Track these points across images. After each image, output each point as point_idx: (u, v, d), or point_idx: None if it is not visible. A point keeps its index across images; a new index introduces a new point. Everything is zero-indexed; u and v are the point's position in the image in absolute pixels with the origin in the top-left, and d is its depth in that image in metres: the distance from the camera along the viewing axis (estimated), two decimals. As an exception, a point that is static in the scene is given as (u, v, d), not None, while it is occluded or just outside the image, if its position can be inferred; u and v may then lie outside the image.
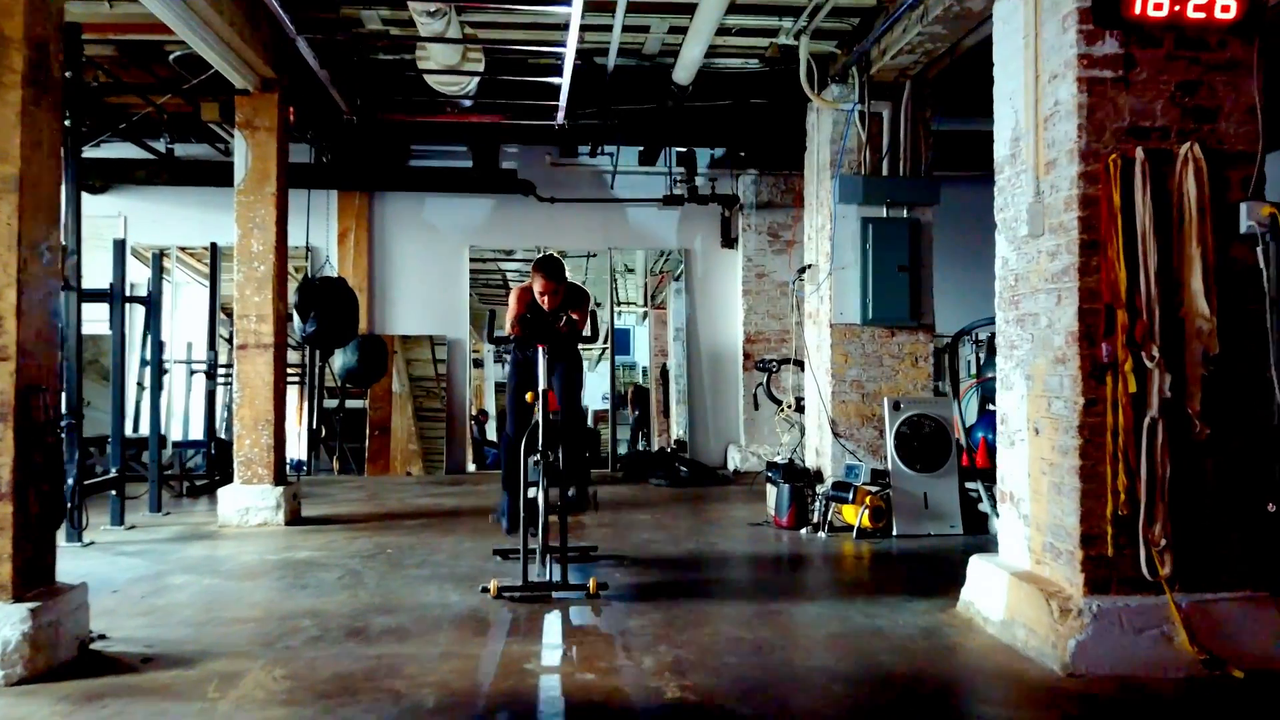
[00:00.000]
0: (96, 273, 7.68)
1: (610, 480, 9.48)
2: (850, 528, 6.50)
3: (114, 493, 6.60)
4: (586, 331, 5.44)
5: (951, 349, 7.34)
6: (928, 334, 7.03)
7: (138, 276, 9.90)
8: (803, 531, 6.59)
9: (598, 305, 11.98)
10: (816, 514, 6.69)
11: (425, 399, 10.64)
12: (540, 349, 5.01)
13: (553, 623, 4.38)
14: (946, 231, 7.49)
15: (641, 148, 9.66)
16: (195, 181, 9.53)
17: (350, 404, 10.82)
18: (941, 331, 7.56)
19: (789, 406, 7.32)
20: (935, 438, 6.66)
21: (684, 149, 9.70)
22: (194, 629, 4.23)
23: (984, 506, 6.58)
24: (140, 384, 9.18)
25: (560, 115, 7.58)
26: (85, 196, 10.24)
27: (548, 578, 4.82)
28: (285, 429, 7.15)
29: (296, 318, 8.38)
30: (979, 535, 6.43)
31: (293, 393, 10.69)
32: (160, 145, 9.35)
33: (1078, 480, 3.69)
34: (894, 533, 6.46)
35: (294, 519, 6.93)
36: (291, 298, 8.57)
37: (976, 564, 4.42)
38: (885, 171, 6.98)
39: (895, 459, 6.60)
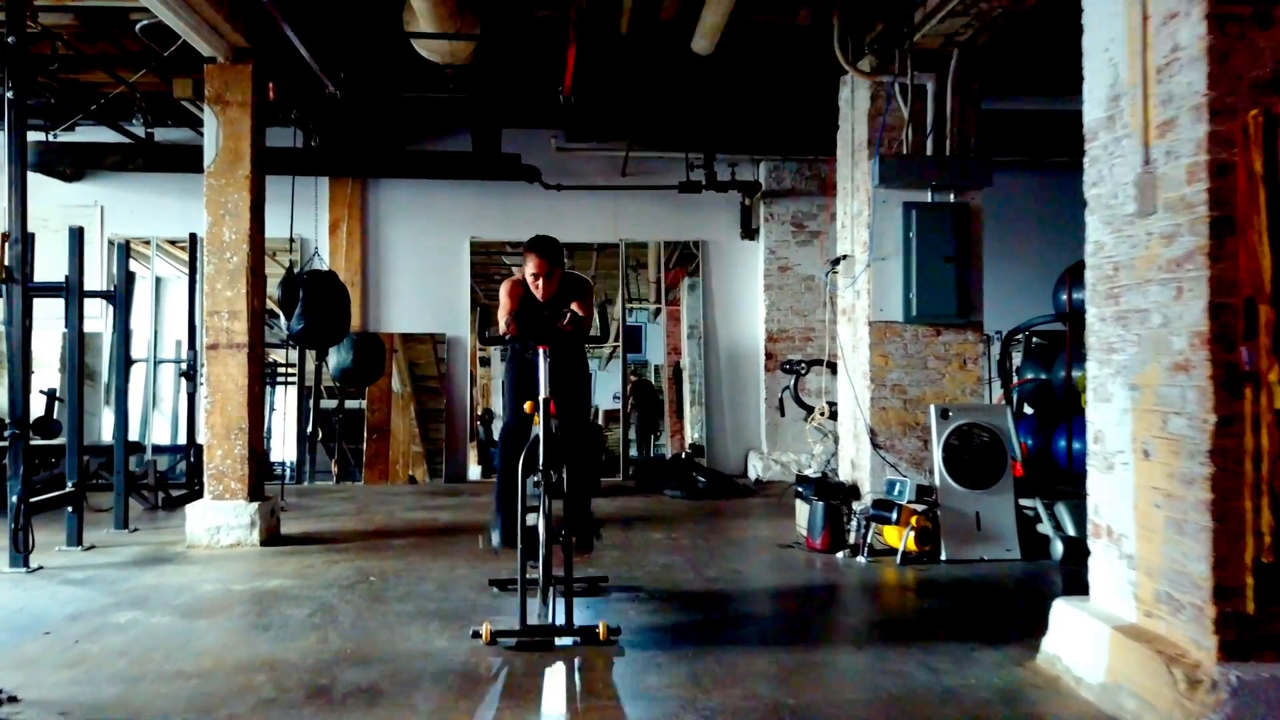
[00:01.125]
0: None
1: (621, 490, 8.75)
2: (893, 551, 5.78)
3: (71, 509, 5.92)
4: (594, 329, 4.71)
5: (1003, 350, 6.59)
6: (976, 333, 6.29)
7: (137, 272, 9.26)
8: (839, 555, 5.87)
9: (608, 302, 11.29)
10: (854, 535, 5.96)
11: (431, 399, 10.01)
12: (541, 351, 4.29)
13: (555, 681, 3.65)
14: (988, 224, 6.73)
15: (654, 130, 8.93)
16: (175, 168, 8.82)
17: (351, 404, 10.25)
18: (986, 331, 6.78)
19: (821, 414, 6.60)
20: (988, 450, 5.92)
21: (701, 132, 8.95)
22: (125, 686, 3.52)
23: (1044, 528, 5.84)
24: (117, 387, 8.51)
25: (566, 88, 6.84)
26: (58, 185, 9.61)
27: (550, 619, 4.11)
28: (262, 437, 6.46)
29: (282, 315, 7.71)
30: (1039, 561, 5.70)
31: (289, 394, 10.08)
32: (140, 130, 8.67)
33: (1207, 517, 2.95)
34: (942, 557, 5.73)
35: (271, 537, 6.24)
36: (274, 292, 7.90)
37: (1063, 611, 3.68)
38: (930, 151, 6.24)
39: (944, 473, 5.87)
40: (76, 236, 6.50)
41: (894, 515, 5.72)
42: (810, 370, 7.44)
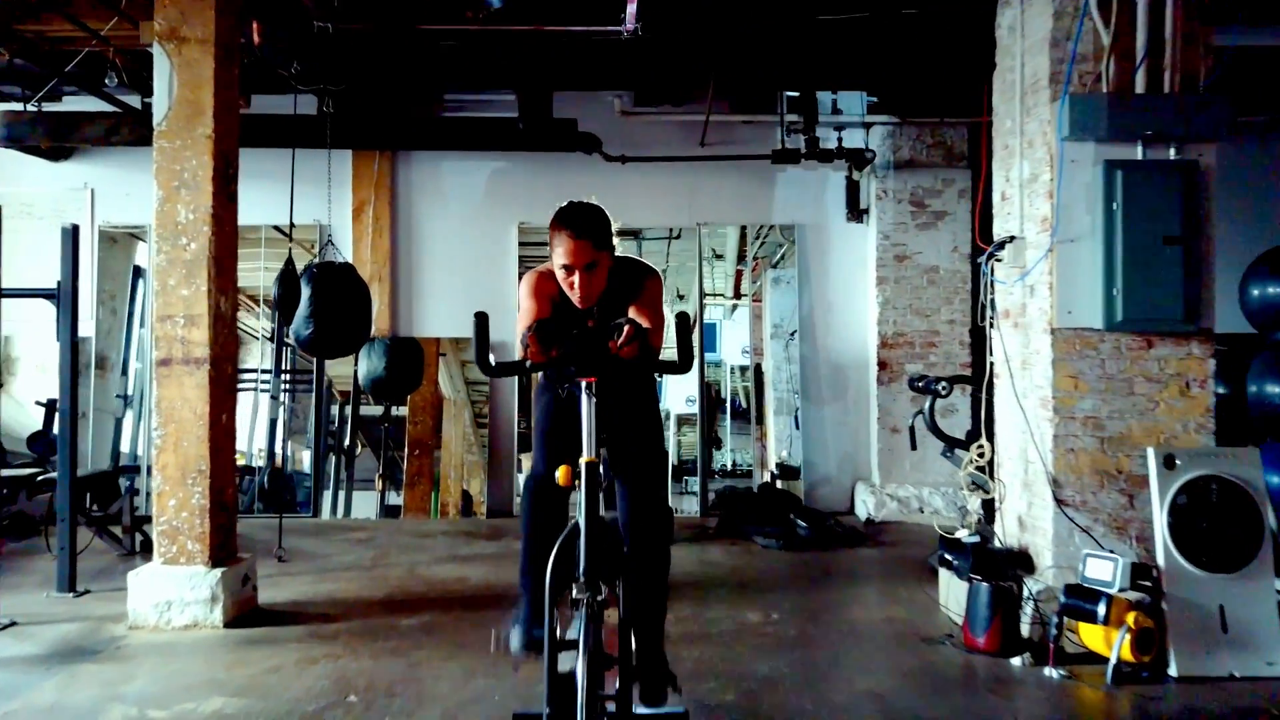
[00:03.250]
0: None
1: (699, 533, 7.08)
2: (1094, 658, 4.04)
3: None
4: (667, 351, 3.00)
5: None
6: (1206, 344, 4.46)
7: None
8: (1015, 662, 4.13)
9: (680, 298, 9.56)
10: (1033, 628, 4.24)
11: (484, 404, 8.57)
12: (585, 385, 2.65)
13: None
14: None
15: (742, 85, 7.24)
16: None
17: (399, 411, 8.88)
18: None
19: (980, 454, 4.83)
20: (1233, 514, 4.13)
21: (802, 88, 7.21)
22: None
23: (1325, 631, 4.03)
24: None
25: (629, 21, 5.16)
26: (42, 165, 8.27)
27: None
28: (232, 480, 4.96)
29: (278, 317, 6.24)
30: (1322, 681, 3.90)
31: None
32: (135, 100, 7.26)
33: None
34: (1171, 671, 3.97)
35: (243, 613, 4.73)
36: (272, 290, 6.44)
37: None
38: (1141, 88, 4.43)
39: (1170, 548, 4.09)
40: (70, 237, 5.14)
41: (1100, 609, 3.95)
42: (952, 389, 5.66)
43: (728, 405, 13.02)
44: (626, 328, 2.55)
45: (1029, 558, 4.64)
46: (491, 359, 2.66)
